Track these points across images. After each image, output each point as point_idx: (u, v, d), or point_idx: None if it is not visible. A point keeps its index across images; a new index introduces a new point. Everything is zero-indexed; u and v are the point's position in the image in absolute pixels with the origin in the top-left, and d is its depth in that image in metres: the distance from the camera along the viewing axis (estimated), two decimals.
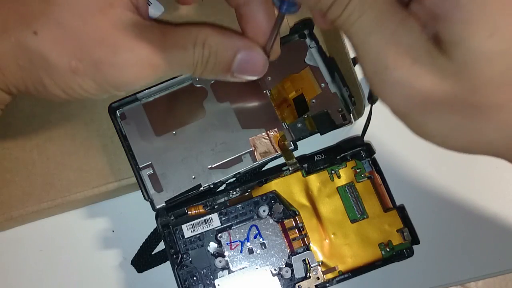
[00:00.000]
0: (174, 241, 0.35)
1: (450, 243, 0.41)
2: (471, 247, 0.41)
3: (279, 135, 0.38)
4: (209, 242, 0.35)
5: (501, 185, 0.42)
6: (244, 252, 0.35)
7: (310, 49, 0.40)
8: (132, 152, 0.37)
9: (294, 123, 0.38)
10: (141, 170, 0.37)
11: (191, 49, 0.27)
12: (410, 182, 0.42)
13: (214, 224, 0.36)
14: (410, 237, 0.37)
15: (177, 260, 0.35)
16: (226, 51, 0.28)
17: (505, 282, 0.82)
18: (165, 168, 0.37)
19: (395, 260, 0.36)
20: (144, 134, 0.38)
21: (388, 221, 0.37)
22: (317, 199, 0.37)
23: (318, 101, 0.39)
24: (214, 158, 0.38)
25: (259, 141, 0.38)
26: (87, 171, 0.39)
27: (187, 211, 0.36)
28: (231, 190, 0.37)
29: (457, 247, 0.41)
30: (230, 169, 0.38)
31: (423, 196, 0.42)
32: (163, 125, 0.38)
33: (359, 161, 0.38)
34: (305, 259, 0.36)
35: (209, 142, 0.38)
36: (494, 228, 0.41)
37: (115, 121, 0.37)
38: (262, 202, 0.36)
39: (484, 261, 0.41)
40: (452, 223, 0.41)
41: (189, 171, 0.37)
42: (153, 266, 0.39)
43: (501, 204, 0.42)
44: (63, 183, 0.38)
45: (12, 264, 0.31)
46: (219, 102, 0.39)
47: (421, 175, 0.42)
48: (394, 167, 0.40)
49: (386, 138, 0.42)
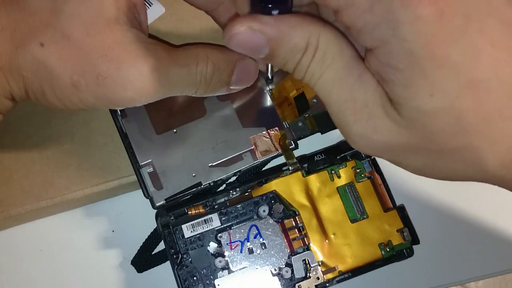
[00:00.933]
0: (174, 241, 0.35)
1: (450, 243, 0.41)
2: (471, 247, 0.41)
3: (279, 134, 0.38)
4: (209, 242, 0.35)
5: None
6: (244, 252, 0.35)
7: None
8: (132, 149, 0.37)
9: (295, 122, 0.38)
10: (141, 167, 0.37)
11: (195, 67, 0.27)
12: (410, 182, 0.42)
13: (214, 224, 0.36)
14: (410, 237, 0.37)
15: (177, 260, 0.35)
16: (228, 65, 0.28)
17: (505, 282, 0.82)
18: (165, 166, 0.37)
19: (395, 260, 0.36)
20: (144, 132, 0.37)
21: (388, 221, 0.37)
22: (317, 199, 0.37)
23: (319, 100, 0.39)
24: (214, 156, 0.37)
25: (260, 139, 0.38)
26: (87, 169, 0.39)
27: (187, 211, 0.36)
28: (231, 190, 0.37)
29: (457, 247, 0.41)
30: (231, 167, 0.38)
31: (423, 196, 0.42)
32: (164, 123, 0.38)
33: (359, 161, 0.38)
34: (305, 259, 0.36)
35: (209, 141, 0.38)
36: (494, 228, 0.41)
37: (116, 118, 0.37)
38: (262, 202, 0.36)
39: (484, 261, 0.41)
40: (452, 223, 0.42)
41: (189, 169, 0.37)
42: (153, 266, 0.38)
43: (501, 204, 0.42)
44: (62, 182, 0.38)
45: (12, 264, 0.32)
46: (220, 101, 0.39)
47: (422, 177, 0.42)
48: (394, 167, 0.39)
49: None
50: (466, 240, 0.41)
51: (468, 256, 0.41)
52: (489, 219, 0.42)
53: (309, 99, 0.39)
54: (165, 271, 0.36)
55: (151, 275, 0.39)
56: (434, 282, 0.41)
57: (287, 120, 0.38)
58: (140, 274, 0.39)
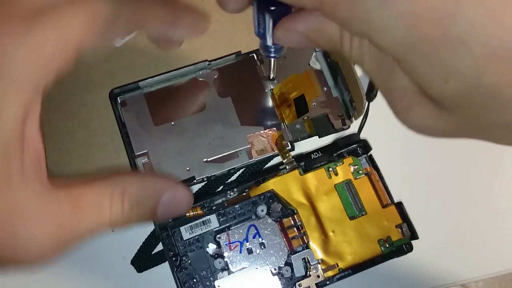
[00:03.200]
0: (172, 244, 0.35)
1: (450, 243, 0.41)
2: (471, 247, 0.41)
3: (277, 134, 0.38)
4: (208, 244, 0.35)
5: (502, 185, 0.42)
6: (244, 252, 0.35)
7: (316, 52, 0.40)
8: (129, 139, 0.37)
9: (293, 123, 0.38)
10: (136, 158, 0.37)
11: (108, 206, 0.24)
12: (408, 178, 0.42)
13: (212, 225, 0.36)
14: (409, 232, 0.37)
15: (176, 262, 0.35)
16: (149, 198, 0.25)
17: (505, 282, 0.82)
18: (161, 158, 0.37)
19: (395, 256, 0.36)
20: (142, 123, 0.38)
21: (386, 217, 0.37)
22: (315, 197, 0.37)
23: (318, 104, 0.39)
24: (210, 151, 0.38)
25: (257, 138, 0.38)
26: (87, 169, 0.39)
27: (185, 213, 0.36)
28: (229, 191, 0.37)
29: (457, 247, 0.41)
30: (225, 164, 0.38)
31: (422, 195, 0.42)
32: (163, 115, 0.38)
33: (356, 158, 0.38)
34: (305, 258, 0.36)
35: (206, 136, 0.38)
36: (494, 228, 0.41)
37: (115, 107, 0.37)
38: (260, 201, 0.36)
39: (484, 261, 0.41)
40: (452, 223, 0.41)
41: (184, 163, 0.37)
42: (153, 266, 0.38)
43: (502, 204, 0.42)
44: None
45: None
46: (220, 97, 0.39)
47: (421, 174, 0.42)
48: (391, 164, 0.40)
49: (382, 135, 0.42)
50: (466, 240, 0.41)
51: (468, 256, 0.41)
52: (489, 219, 0.42)
53: (309, 102, 0.39)
54: (165, 271, 0.36)
55: (151, 275, 0.39)
56: (434, 282, 0.40)
57: (286, 121, 0.39)
58: (140, 274, 0.38)
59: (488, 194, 0.42)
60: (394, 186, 0.38)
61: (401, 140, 0.42)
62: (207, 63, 0.39)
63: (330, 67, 0.39)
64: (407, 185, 0.41)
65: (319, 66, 0.39)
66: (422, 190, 0.42)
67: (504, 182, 0.42)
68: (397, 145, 0.42)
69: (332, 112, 0.39)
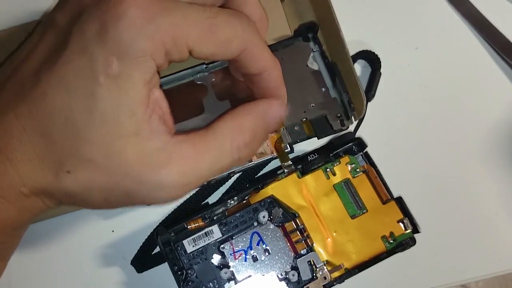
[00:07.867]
0: (177, 258, 0.35)
1: (450, 242, 0.41)
2: (471, 247, 0.41)
3: (276, 136, 0.38)
4: (213, 255, 0.35)
5: (501, 184, 0.42)
6: (249, 260, 0.35)
7: (313, 53, 0.39)
8: None
9: (291, 125, 0.38)
10: None
11: (228, 144, 0.27)
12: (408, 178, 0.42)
13: (215, 236, 0.35)
14: (411, 226, 0.37)
15: (182, 276, 0.34)
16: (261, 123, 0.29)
17: (505, 282, 0.83)
18: None
19: (400, 251, 0.36)
20: None
21: (387, 213, 0.37)
22: (315, 199, 0.37)
23: (317, 106, 0.39)
24: None
25: None
26: None
27: (186, 226, 0.35)
28: (228, 200, 0.37)
29: (457, 247, 0.41)
30: None
31: (421, 195, 0.42)
32: None
33: (352, 156, 0.38)
34: (310, 260, 0.36)
35: None
36: (494, 228, 0.42)
37: None
38: (261, 208, 0.36)
39: (484, 261, 0.41)
40: (451, 223, 0.42)
41: None
42: (153, 266, 0.38)
43: (502, 204, 0.42)
44: None
45: (11, 264, 0.31)
46: (218, 100, 0.38)
47: (421, 174, 0.42)
48: (387, 159, 0.40)
49: (378, 132, 0.42)
50: (466, 240, 0.41)
51: (468, 256, 0.41)
52: (489, 219, 0.42)
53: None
54: (165, 271, 0.36)
55: (151, 275, 0.39)
56: (434, 282, 0.40)
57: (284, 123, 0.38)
58: (139, 274, 0.38)
59: (488, 194, 0.42)
60: (393, 183, 0.38)
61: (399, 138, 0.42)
62: (205, 66, 0.38)
63: (328, 67, 0.39)
64: (406, 185, 0.40)
65: (317, 67, 0.39)
66: (422, 190, 0.42)
67: (504, 182, 0.42)
68: (393, 142, 0.42)
69: (331, 113, 0.39)
